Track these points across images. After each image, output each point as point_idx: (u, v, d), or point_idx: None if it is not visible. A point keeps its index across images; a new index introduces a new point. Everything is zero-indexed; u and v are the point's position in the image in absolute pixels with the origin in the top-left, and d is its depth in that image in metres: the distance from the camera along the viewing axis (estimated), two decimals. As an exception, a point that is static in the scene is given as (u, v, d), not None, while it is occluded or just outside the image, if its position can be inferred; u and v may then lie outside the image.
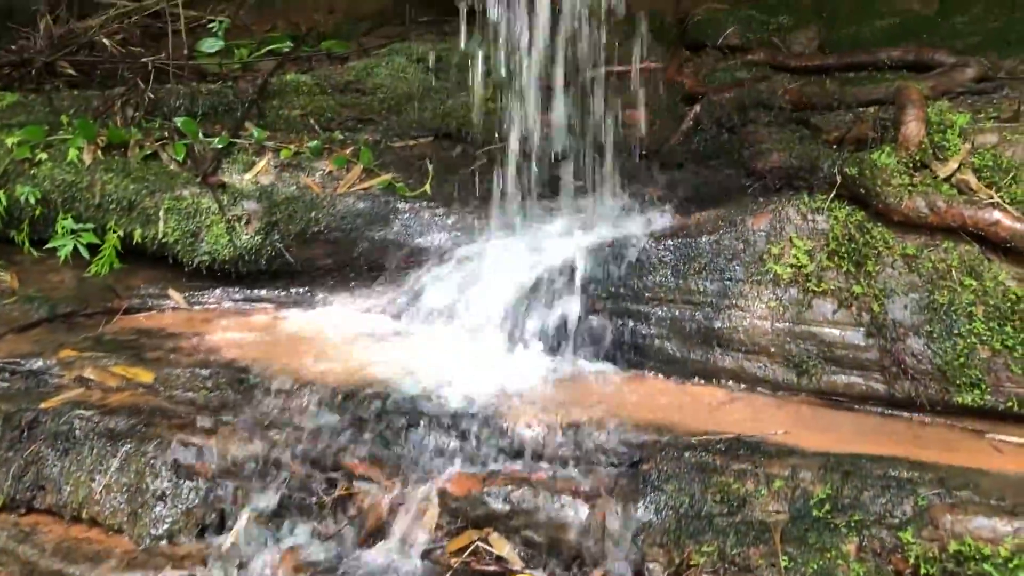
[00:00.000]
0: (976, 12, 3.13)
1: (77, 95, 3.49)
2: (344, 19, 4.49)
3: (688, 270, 2.30)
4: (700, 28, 3.57)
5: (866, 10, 3.36)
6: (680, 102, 3.25)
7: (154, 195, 2.95)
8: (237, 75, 3.84)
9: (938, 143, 2.23)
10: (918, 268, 2.08)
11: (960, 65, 2.90)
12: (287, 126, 3.40)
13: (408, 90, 3.56)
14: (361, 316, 2.73)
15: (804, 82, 2.94)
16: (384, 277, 2.83)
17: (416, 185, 3.00)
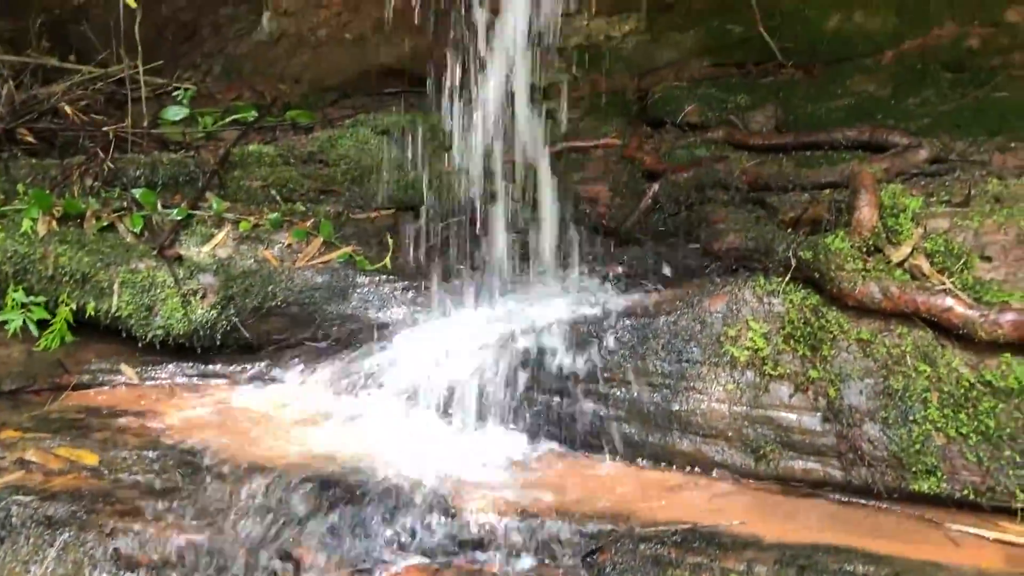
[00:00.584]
0: (928, 95, 3.20)
1: (35, 164, 3.45)
2: (310, 89, 4.52)
3: (646, 351, 2.29)
4: (660, 105, 3.63)
5: (822, 91, 3.44)
6: (640, 178, 3.28)
7: (109, 268, 2.90)
8: (200, 145, 3.83)
9: (891, 227, 2.25)
10: (873, 353, 2.09)
11: (913, 146, 2.96)
12: (248, 197, 3.38)
13: (371, 162, 3.57)
14: (317, 393, 2.68)
15: (760, 163, 2.99)
16: (341, 352, 2.79)
17: (376, 258, 2.99)
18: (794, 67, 3.65)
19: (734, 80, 3.71)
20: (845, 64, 3.52)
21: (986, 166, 2.81)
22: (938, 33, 3.36)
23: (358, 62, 4.47)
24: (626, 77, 4.12)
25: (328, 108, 4.28)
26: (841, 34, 3.57)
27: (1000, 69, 3.14)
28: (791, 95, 3.46)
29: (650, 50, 4.04)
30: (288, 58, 4.75)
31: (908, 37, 3.41)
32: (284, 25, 4.90)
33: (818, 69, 3.57)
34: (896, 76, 3.35)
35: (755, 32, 3.70)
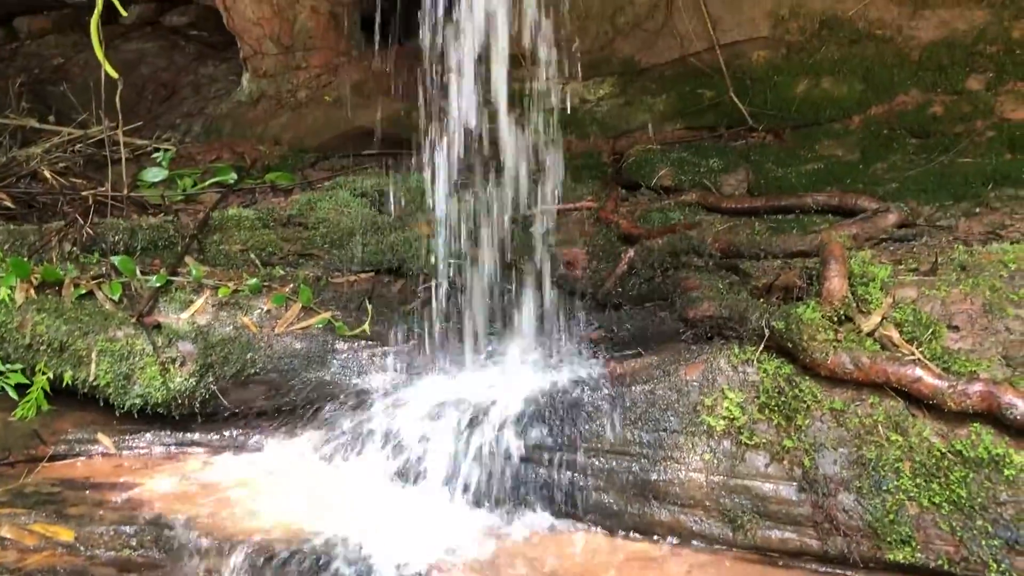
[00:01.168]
0: (895, 160, 3.29)
1: (13, 229, 3.45)
2: (289, 151, 4.56)
3: (624, 420, 2.31)
4: (634, 169, 3.70)
5: (792, 155, 3.53)
6: (617, 241, 3.33)
7: (87, 336, 2.90)
8: (179, 208, 3.85)
9: (861, 296, 2.31)
10: (846, 423, 2.13)
11: (882, 211, 3.03)
12: (227, 261, 3.39)
13: (351, 225, 3.60)
14: (296, 462, 2.67)
15: (733, 227, 3.05)
16: (321, 420, 2.79)
17: (355, 324, 3.00)
18: (765, 131, 3.75)
19: (706, 143, 3.79)
20: (814, 128, 3.61)
21: (953, 231, 2.88)
22: (903, 100, 3.46)
23: (337, 124, 4.53)
24: (601, 139, 4.20)
25: (307, 169, 4.33)
26: (809, 99, 3.67)
27: (963, 135, 3.23)
28: (762, 159, 3.54)
29: (624, 113, 4.13)
30: (268, 119, 4.81)
31: (874, 103, 3.51)
32: (263, 86, 4.96)
33: (788, 133, 3.66)
34: (863, 141, 3.45)
35: (726, 97, 3.80)
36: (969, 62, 3.34)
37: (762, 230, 3.19)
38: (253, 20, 4.81)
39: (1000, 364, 2.11)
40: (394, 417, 2.64)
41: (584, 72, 4.20)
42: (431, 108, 3.33)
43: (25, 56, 6.26)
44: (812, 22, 3.59)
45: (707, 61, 3.84)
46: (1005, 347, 2.15)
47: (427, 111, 3.34)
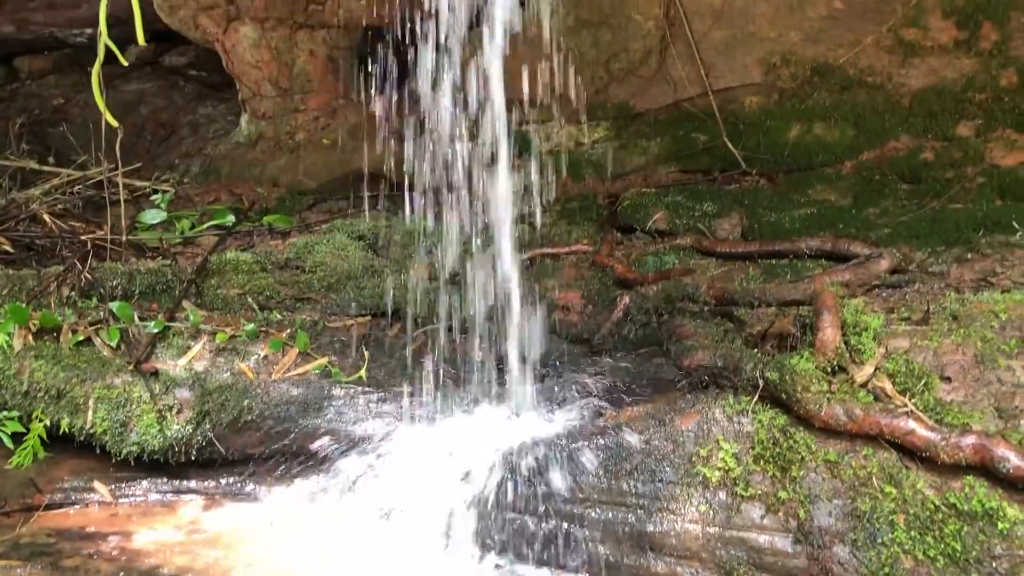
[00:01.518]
0: (887, 205, 3.33)
1: (12, 274, 3.47)
2: (287, 193, 4.60)
3: (620, 470, 2.32)
4: (629, 212, 3.73)
5: (785, 199, 3.56)
6: (612, 285, 3.35)
7: (84, 383, 2.90)
8: (177, 252, 3.87)
9: (854, 346, 2.32)
10: (840, 474, 2.13)
11: (875, 257, 3.07)
12: (225, 306, 3.41)
13: (348, 268, 3.62)
14: (292, 510, 2.67)
15: (727, 275, 3.08)
16: (317, 467, 2.79)
17: (352, 369, 3.02)
18: (758, 175, 3.79)
19: (700, 187, 3.83)
20: (807, 173, 3.65)
21: (945, 278, 2.91)
22: (894, 146, 3.51)
23: (335, 166, 4.57)
24: (597, 181, 4.24)
25: (305, 212, 4.36)
26: (802, 144, 3.72)
27: (954, 181, 3.27)
28: (756, 203, 3.58)
29: (619, 156, 4.17)
30: (266, 161, 4.84)
31: (866, 149, 3.56)
32: (262, 128, 5.01)
33: (781, 178, 3.70)
34: (856, 186, 3.49)
35: (719, 141, 3.84)
36: (959, 109, 3.39)
37: (756, 275, 3.22)
38: (252, 63, 4.86)
39: (992, 416, 2.13)
40: (389, 465, 2.64)
41: (579, 116, 4.25)
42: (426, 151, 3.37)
43: (25, 96, 6.30)
44: (804, 69, 3.64)
45: (700, 106, 3.89)
46: (997, 399, 2.16)
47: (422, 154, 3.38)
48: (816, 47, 3.59)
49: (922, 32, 3.38)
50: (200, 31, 4.93)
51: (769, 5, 3.62)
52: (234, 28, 4.82)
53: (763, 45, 3.69)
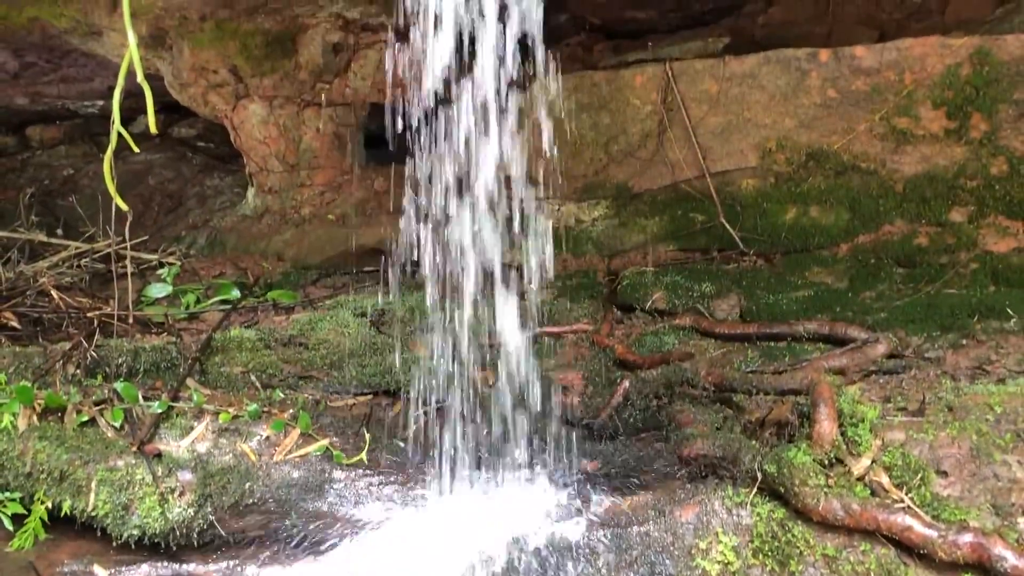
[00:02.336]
0: (882, 289, 3.38)
1: (19, 352, 3.51)
2: (293, 268, 4.66)
3: (620, 563, 2.32)
4: (629, 291, 3.78)
5: (782, 281, 3.61)
6: (613, 366, 3.38)
7: (88, 465, 2.91)
8: (182, 328, 3.91)
9: (851, 437, 2.35)
10: (839, 570, 2.14)
11: (871, 342, 3.10)
12: (228, 383, 3.44)
13: (351, 345, 3.66)
14: (291, 596, 2.67)
15: (726, 358, 3.11)
16: (316, 552, 2.79)
17: (353, 450, 3.03)
18: (755, 255, 3.85)
19: (699, 266, 3.89)
20: (803, 255, 3.71)
21: (940, 364, 2.94)
22: (889, 230, 3.57)
23: (339, 241, 4.64)
24: (597, 258, 4.31)
25: (309, 287, 4.41)
26: (798, 226, 3.78)
27: (948, 266, 3.33)
28: (753, 284, 3.63)
29: (619, 234, 4.24)
30: (271, 234, 4.92)
31: (861, 232, 3.62)
32: (268, 202, 5.10)
33: (778, 259, 3.76)
34: (852, 269, 3.54)
35: (717, 222, 3.91)
36: (951, 195, 3.46)
37: (755, 357, 3.25)
38: (260, 139, 4.97)
39: (989, 512, 2.14)
40: (389, 552, 2.65)
41: (579, 195, 4.33)
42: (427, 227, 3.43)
43: (36, 166, 6.42)
44: (798, 154, 3.73)
45: (698, 187, 3.97)
46: (993, 494, 2.18)
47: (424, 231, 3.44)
48: (810, 133, 3.69)
49: (914, 121, 3.47)
50: (210, 108, 5.05)
51: (764, 93, 3.72)
52: (243, 105, 4.94)
53: (758, 131, 3.78)
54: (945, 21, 4.01)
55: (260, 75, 4.83)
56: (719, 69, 3.77)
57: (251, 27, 4.67)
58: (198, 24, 4.65)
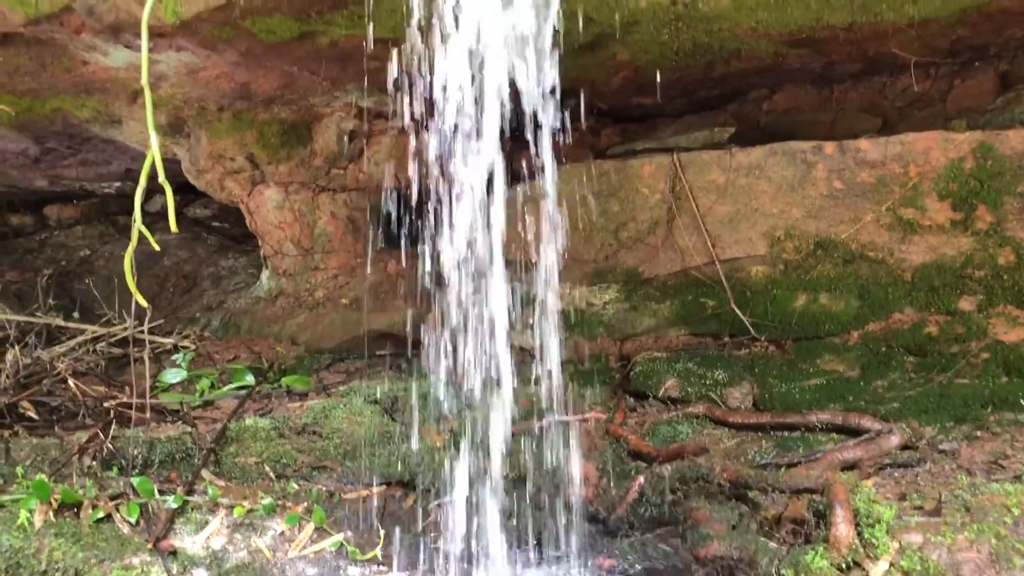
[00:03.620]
0: (894, 378, 3.39)
1: (36, 444, 3.53)
2: (306, 352, 4.70)
3: (637, 669, 2.31)
4: (641, 378, 3.80)
5: (794, 369, 3.63)
6: (627, 457, 3.39)
7: (103, 563, 2.91)
8: (197, 416, 3.94)
9: (867, 539, 2.35)
10: None
11: (885, 433, 3.10)
12: (243, 474, 3.45)
13: (364, 434, 3.67)
14: None
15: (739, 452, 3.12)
16: (331, 653, 2.78)
17: (367, 546, 3.03)
18: (767, 341, 3.87)
19: (711, 352, 3.91)
20: (815, 342, 3.73)
21: (955, 457, 2.94)
22: (899, 318, 3.60)
23: (353, 326, 4.69)
24: (608, 341, 4.33)
25: (323, 371, 4.44)
26: (809, 313, 3.81)
27: (959, 356, 3.34)
28: (765, 372, 3.64)
29: (630, 317, 4.27)
30: (285, 318, 4.97)
31: (871, 320, 3.64)
32: (282, 285, 5.16)
33: (790, 345, 3.78)
34: (863, 358, 3.55)
35: (728, 307, 3.95)
36: (960, 284, 3.49)
37: (769, 448, 3.25)
38: (275, 224, 5.05)
39: (1010, 621, 2.13)
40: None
41: (590, 279, 4.38)
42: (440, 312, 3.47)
43: (53, 247, 6.54)
44: (807, 243, 3.78)
45: (708, 273, 4.02)
46: (1014, 601, 2.17)
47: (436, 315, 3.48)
48: (818, 223, 3.74)
49: (920, 212, 3.52)
50: (226, 193, 5.15)
51: (771, 184, 3.79)
52: (259, 191, 5.04)
53: (766, 220, 3.84)
54: (947, 109, 4.09)
55: (276, 162, 4.93)
56: (726, 160, 3.85)
57: (268, 117, 4.79)
58: (216, 114, 4.78)
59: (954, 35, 3.81)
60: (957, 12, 3.52)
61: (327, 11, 3.52)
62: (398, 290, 4.74)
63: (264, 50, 3.96)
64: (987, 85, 4.03)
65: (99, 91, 4.70)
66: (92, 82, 4.55)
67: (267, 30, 3.71)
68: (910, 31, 3.69)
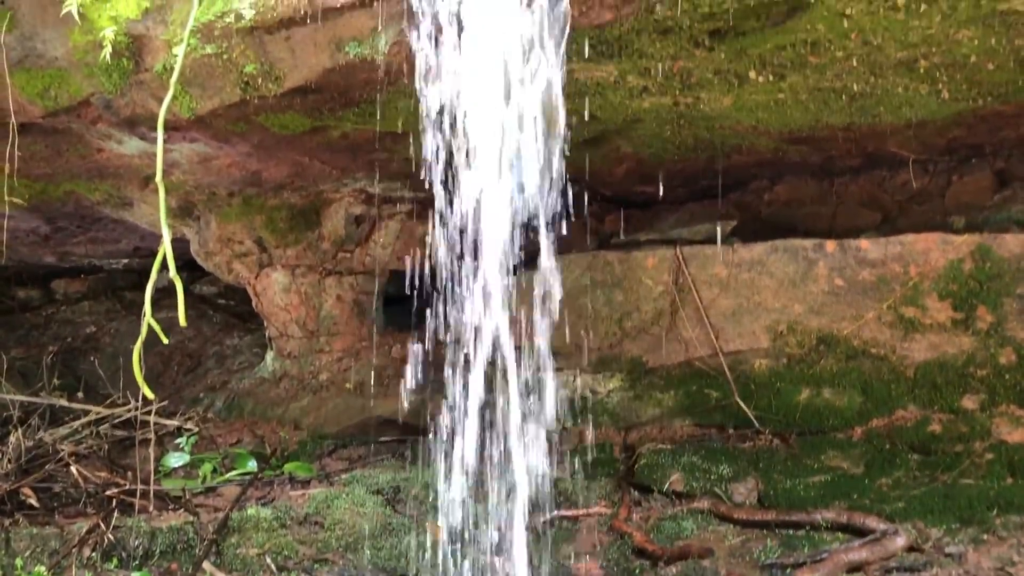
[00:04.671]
0: (899, 476, 3.38)
1: (36, 534, 3.51)
2: (309, 436, 4.70)
3: None
4: (646, 472, 3.79)
5: (799, 464, 3.63)
6: (632, 554, 3.36)
7: (100, 663, 2.89)
8: (199, 504, 3.92)
9: (876, 654, 2.32)
10: None
11: (891, 534, 3.09)
12: (244, 567, 3.42)
13: (366, 526, 3.65)
14: None
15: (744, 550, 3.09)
16: None
17: (369, 646, 3.00)
18: (771, 434, 3.87)
19: (716, 444, 3.91)
20: (819, 437, 3.74)
21: (962, 563, 2.92)
22: (902, 415, 3.61)
23: (357, 411, 4.69)
24: (612, 430, 4.33)
25: (326, 458, 4.44)
26: (812, 407, 3.83)
27: (963, 455, 3.34)
28: (770, 467, 3.64)
29: (634, 406, 4.28)
30: (289, 401, 4.99)
31: (875, 416, 3.66)
32: (287, 367, 5.19)
33: (794, 439, 3.78)
34: (867, 455, 3.56)
35: (732, 400, 3.96)
36: (962, 383, 3.51)
37: (774, 547, 3.23)
38: (281, 306, 5.10)
39: None
40: None
41: (594, 367, 4.40)
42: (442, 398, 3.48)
43: (59, 323, 6.57)
44: (809, 338, 3.81)
45: (712, 365, 4.04)
46: None
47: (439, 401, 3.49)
48: (820, 319, 3.78)
49: (921, 311, 3.56)
50: (233, 275, 5.21)
51: (773, 279, 3.84)
52: (266, 274, 5.09)
53: (769, 314, 3.88)
54: (946, 205, 4.17)
55: (284, 245, 5.00)
56: (728, 255, 3.91)
57: (277, 202, 4.87)
58: (226, 199, 4.86)
59: (950, 135, 3.90)
60: (953, 114, 3.61)
61: (339, 109, 3.62)
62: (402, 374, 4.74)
63: (276, 142, 4.05)
64: (984, 182, 4.11)
65: (112, 176, 4.79)
66: (106, 167, 4.64)
67: (280, 125, 3.81)
68: (907, 131, 3.78)
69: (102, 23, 3.43)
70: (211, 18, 3.23)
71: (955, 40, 2.95)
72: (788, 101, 3.50)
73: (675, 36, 2.94)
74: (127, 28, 3.48)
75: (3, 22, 3.58)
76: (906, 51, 3.04)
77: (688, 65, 3.20)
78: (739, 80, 3.31)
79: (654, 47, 3.03)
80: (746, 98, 3.49)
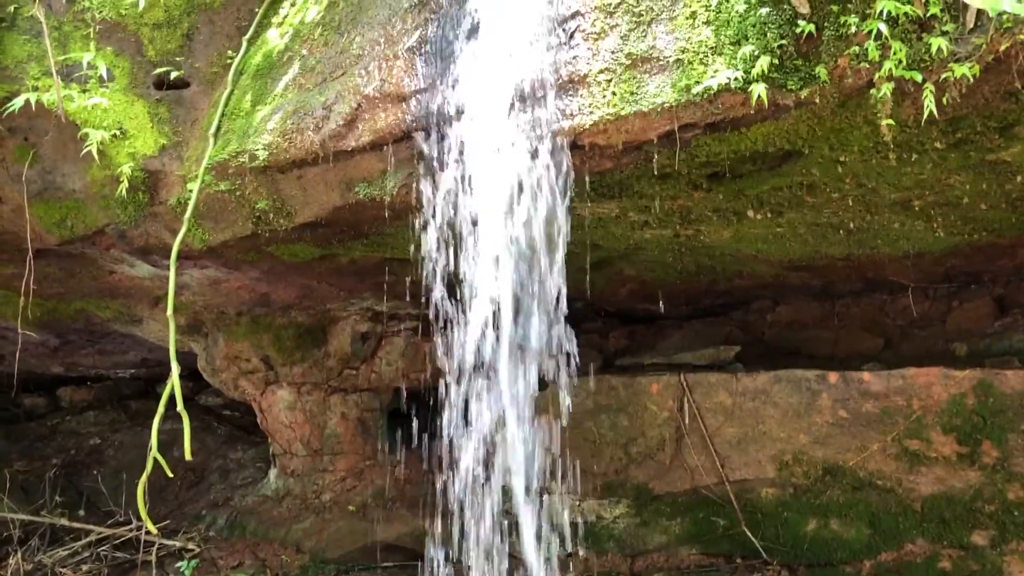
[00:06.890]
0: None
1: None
2: (311, 561, 4.63)
3: None
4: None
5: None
6: None
7: None
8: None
9: None
10: None
11: None
12: None
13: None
14: None
15: None
16: None
17: None
18: (779, 565, 3.81)
19: (723, 574, 3.85)
20: (827, 569, 3.68)
21: None
22: (911, 549, 3.56)
23: (360, 535, 4.63)
24: (618, 557, 4.27)
25: (328, 584, 4.38)
26: (820, 538, 3.78)
27: (978, 594, 3.28)
28: None
29: (641, 533, 4.23)
30: (291, 521, 4.93)
31: (883, 549, 3.61)
32: (290, 485, 5.15)
33: (802, 571, 3.72)
34: (876, 591, 3.50)
35: (739, 528, 3.91)
36: (971, 518, 3.48)
37: None
38: (286, 423, 5.10)
39: None
40: None
41: (600, 492, 4.37)
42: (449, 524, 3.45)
43: (64, 434, 6.55)
44: (815, 468, 3.80)
45: (718, 493, 4.01)
46: None
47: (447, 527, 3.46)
48: (825, 449, 3.77)
49: (925, 444, 3.55)
50: (239, 391, 5.23)
51: (777, 409, 3.85)
52: (271, 391, 5.11)
53: (774, 444, 3.87)
54: (947, 330, 4.19)
55: (291, 363, 5.03)
56: (732, 384, 3.92)
57: (285, 321, 4.92)
58: (235, 318, 4.92)
59: (948, 264, 3.96)
60: (949, 247, 3.67)
61: (348, 240, 3.70)
62: (407, 496, 4.72)
63: (285, 268, 4.13)
64: (984, 309, 4.15)
65: (123, 295, 4.86)
66: (117, 288, 4.72)
67: (290, 254, 3.89)
68: (905, 261, 3.84)
69: (120, 159, 3.55)
70: (226, 157, 3.34)
71: (947, 184, 3.03)
72: (787, 235, 3.57)
73: (674, 180, 3.03)
74: (144, 164, 3.59)
75: (27, 158, 3.70)
76: (900, 193, 3.12)
77: (687, 204, 3.28)
78: (738, 217, 3.39)
79: (653, 189, 3.12)
80: (745, 231, 3.56)
